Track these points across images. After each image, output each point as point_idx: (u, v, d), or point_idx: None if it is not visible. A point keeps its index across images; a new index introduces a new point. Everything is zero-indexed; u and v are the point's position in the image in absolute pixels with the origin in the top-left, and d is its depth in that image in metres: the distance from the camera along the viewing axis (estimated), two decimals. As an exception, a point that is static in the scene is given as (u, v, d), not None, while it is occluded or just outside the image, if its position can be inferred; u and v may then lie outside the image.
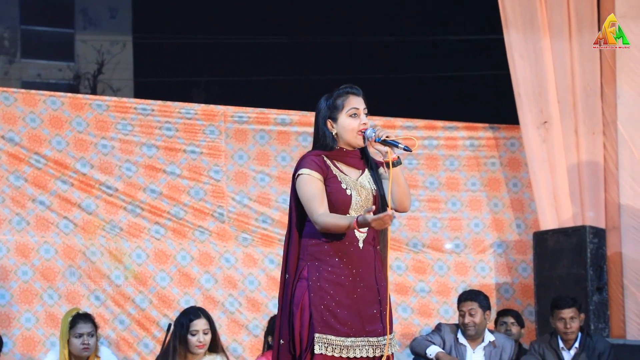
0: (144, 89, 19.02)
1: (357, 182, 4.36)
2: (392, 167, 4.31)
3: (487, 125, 8.61)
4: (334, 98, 4.39)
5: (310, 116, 8.20)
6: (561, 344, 6.67)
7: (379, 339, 4.32)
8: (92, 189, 7.65)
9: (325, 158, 4.35)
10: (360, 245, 4.31)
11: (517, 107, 8.16)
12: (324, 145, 4.37)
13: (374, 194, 4.40)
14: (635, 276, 7.67)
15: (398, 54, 17.90)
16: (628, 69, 7.52)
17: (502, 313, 7.53)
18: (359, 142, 4.37)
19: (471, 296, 6.78)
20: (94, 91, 20.15)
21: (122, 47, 20.95)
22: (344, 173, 4.36)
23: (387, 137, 4.28)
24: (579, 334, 6.66)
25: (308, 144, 8.07)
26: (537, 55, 8.08)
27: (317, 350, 4.18)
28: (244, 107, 8.22)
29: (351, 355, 4.24)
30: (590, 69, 8.00)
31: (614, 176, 7.90)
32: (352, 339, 4.24)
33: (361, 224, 4.13)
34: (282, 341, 4.29)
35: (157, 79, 18.74)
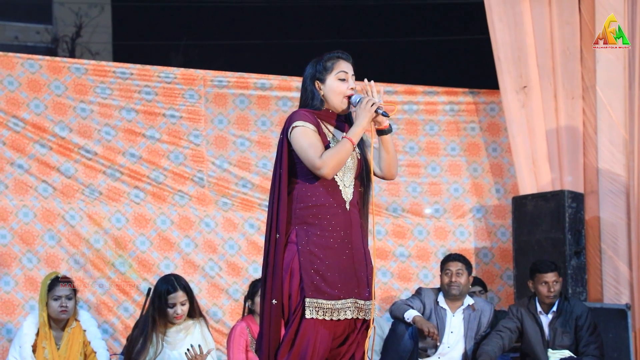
0: (123, 53, 18.88)
1: None
2: (384, 134, 4.39)
3: (467, 90, 8.61)
4: (324, 61, 4.39)
5: (290, 81, 8.21)
6: (539, 308, 6.71)
7: (366, 302, 4.34)
8: (71, 152, 7.61)
9: (315, 116, 4.35)
10: (347, 207, 4.33)
11: (497, 71, 8.16)
12: (312, 105, 4.37)
13: (358, 157, 4.42)
14: (612, 240, 7.72)
15: (377, 18, 17.83)
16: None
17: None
18: (344, 106, 4.38)
19: (459, 257, 6.82)
20: (72, 54, 19.97)
21: (101, 10, 20.74)
22: (331, 133, 4.37)
23: (373, 103, 4.28)
24: (557, 298, 6.71)
25: (288, 109, 8.07)
26: (516, 19, 8.07)
27: (307, 315, 4.19)
28: (224, 72, 8.18)
29: (341, 317, 4.26)
30: (570, 33, 7.99)
31: (592, 141, 7.92)
32: (342, 301, 4.25)
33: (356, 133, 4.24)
34: (274, 301, 4.25)
35: (136, 43, 18.59)
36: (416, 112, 8.48)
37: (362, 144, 4.48)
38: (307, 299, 4.19)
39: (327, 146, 4.29)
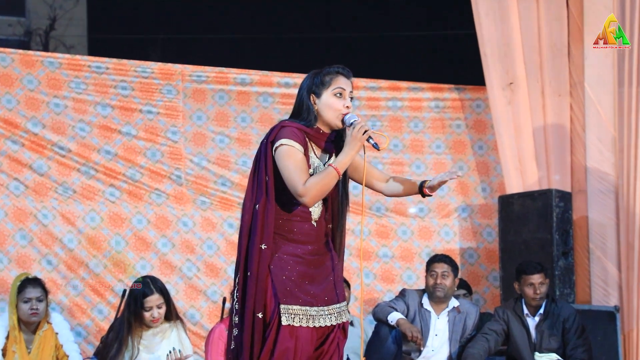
0: (99, 46, 18.80)
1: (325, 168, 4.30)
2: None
3: (452, 86, 8.61)
4: (322, 74, 4.33)
5: (271, 76, 8.19)
6: (525, 310, 6.70)
7: (338, 305, 4.32)
8: (44, 149, 7.56)
9: (305, 135, 4.28)
10: (314, 223, 4.31)
11: (483, 67, 8.16)
12: (305, 119, 4.29)
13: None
14: (601, 241, 7.73)
15: (361, 12, 17.82)
16: (596, 29, 7.50)
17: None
18: (338, 123, 4.32)
19: (444, 259, 6.80)
20: (45, 48, 19.86)
21: (76, 2, 20.65)
22: (316, 156, 4.32)
23: (366, 130, 4.24)
24: (544, 300, 6.70)
25: (269, 105, 8.04)
26: (503, 14, 8.07)
27: (284, 322, 4.16)
28: (203, 66, 8.15)
29: (317, 325, 4.23)
30: (558, 28, 8.00)
31: (580, 138, 7.93)
32: (316, 308, 4.23)
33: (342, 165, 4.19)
34: (260, 315, 4.18)
35: (112, 36, 18.52)
36: (400, 109, 8.47)
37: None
38: (282, 306, 4.16)
39: (311, 173, 4.24)
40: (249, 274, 4.20)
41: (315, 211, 4.32)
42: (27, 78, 7.61)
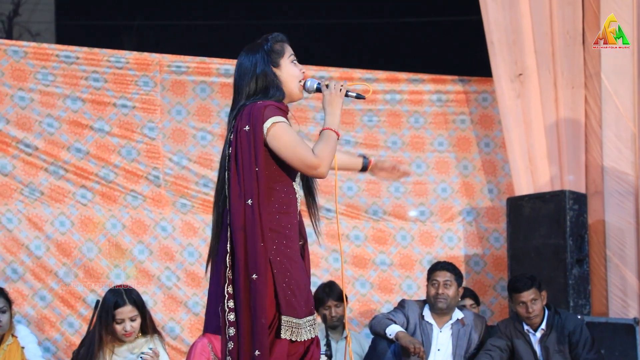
0: (68, 34, 18.72)
1: None
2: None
3: (456, 77, 8.63)
4: (271, 44, 4.31)
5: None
6: (526, 327, 6.71)
7: (314, 316, 4.33)
8: (8, 147, 7.56)
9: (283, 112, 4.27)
10: (298, 215, 4.31)
11: (490, 57, 8.17)
12: (275, 96, 4.27)
13: None
14: (619, 247, 7.75)
15: (356, -4, 17.82)
16: (613, 14, 7.53)
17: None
18: (298, 92, 4.33)
19: (447, 266, 6.81)
20: (9, 35, 19.78)
21: (42, -15, 20.62)
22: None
23: (342, 85, 4.25)
24: (546, 313, 6.71)
25: (255, 98, 8.03)
26: (512, -1, 8.10)
27: (282, 335, 4.14)
28: (183, 56, 8.15)
29: (305, 338, 4.21)
30: (571, 14, 8.01)
31: (596, 135, 7.95)
32: (304, 319, 4.22)
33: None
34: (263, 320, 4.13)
35: (83, 22, 18.49)
36: (399, 103, 8.48)
37: None
38: (284, 317, 4.13)
39: None
40: (254, 277, 4.11)
41: (298, 202, 4.30)
42: (-10, 69, 7.63)
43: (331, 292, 7.26)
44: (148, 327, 6.04)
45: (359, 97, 4.31)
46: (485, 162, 8.54)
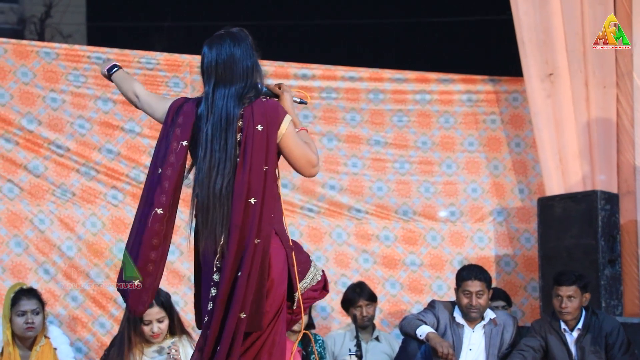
0: (99, 35, 18.84)
1: None
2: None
3: (486, 77, 8.61)
4: (248, 37, 4.37)
5: (288, 67, 8.20)
6: (563, 325, 6.67)
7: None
8: (40, 148, 7.59)
9: None
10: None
11: (521, 56, 8.15)
12: (262, 92, 4.30)
13: None
14: (652, 247, 7.72)
15: (386, -4, 17.80)
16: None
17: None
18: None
19: (478, 275, 6.71)
20: (41, 37, 19.94)
21: (74, -13, 20.73)
22: None
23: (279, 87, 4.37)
24: (583, 313, 6.67)
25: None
26: (542, -2, 8.08)
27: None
28: (213, 57, 8.15)
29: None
30: (603, 13, 7.97)
31: (628, 134, 7.91)
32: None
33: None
34: (243, 315, 4.19)
35: (114, 24, 18.57)
36: (429, 103, 8.47)
37: None
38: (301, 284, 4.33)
39: None
40: (242, 270, 4.18)
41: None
42: (21, 70, 7.65)
43: (362, 292, 7.28)
44: (176, 328, 6.06)
45: (302, 102, 4.46)
46: (515, 162, 8.51)
